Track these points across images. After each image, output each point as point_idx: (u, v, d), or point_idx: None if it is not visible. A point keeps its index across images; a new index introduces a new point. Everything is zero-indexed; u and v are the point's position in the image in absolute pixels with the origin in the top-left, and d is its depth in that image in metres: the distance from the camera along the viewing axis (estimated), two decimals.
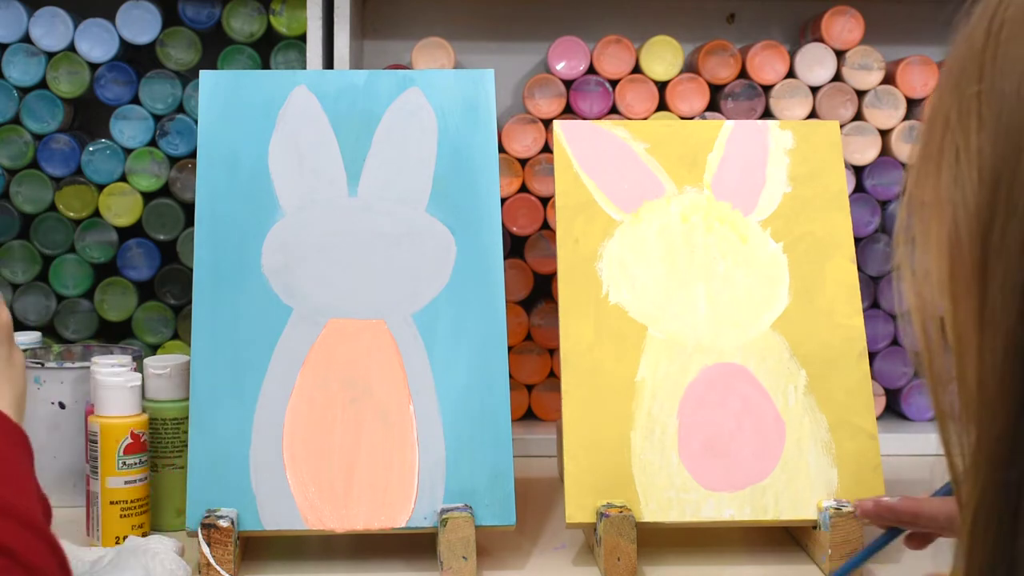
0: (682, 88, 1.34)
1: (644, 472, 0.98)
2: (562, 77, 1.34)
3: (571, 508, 0.97)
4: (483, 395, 0.99)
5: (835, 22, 1.34)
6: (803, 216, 1.06)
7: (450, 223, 1.03)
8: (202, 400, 0.98)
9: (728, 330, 1.03)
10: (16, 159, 1.30)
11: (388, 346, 1.00)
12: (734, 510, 0.98)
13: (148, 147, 1.31)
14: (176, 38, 1.32)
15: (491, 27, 1.43)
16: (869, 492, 0.98)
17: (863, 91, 1.34)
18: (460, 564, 0.93)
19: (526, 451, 1.24)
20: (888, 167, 1.33)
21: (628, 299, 1.03)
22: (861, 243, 1.33)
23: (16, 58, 1.30)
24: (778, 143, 1.09)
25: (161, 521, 1.04)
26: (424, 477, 0.97)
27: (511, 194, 1.33)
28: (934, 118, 0.51)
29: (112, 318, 1.32)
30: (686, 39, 1.37)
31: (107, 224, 1.31)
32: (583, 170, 1.07)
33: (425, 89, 1.07)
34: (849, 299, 1.04)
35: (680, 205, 1.07)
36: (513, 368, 1.31)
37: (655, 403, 1.00)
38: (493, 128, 1.06)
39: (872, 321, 1.33)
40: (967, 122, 0.49)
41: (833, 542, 0.94)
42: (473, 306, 1.01)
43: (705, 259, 1.05)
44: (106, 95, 1.31)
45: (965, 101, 0.49)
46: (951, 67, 0.52)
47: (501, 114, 1.39)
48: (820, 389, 1.01)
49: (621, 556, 0.94)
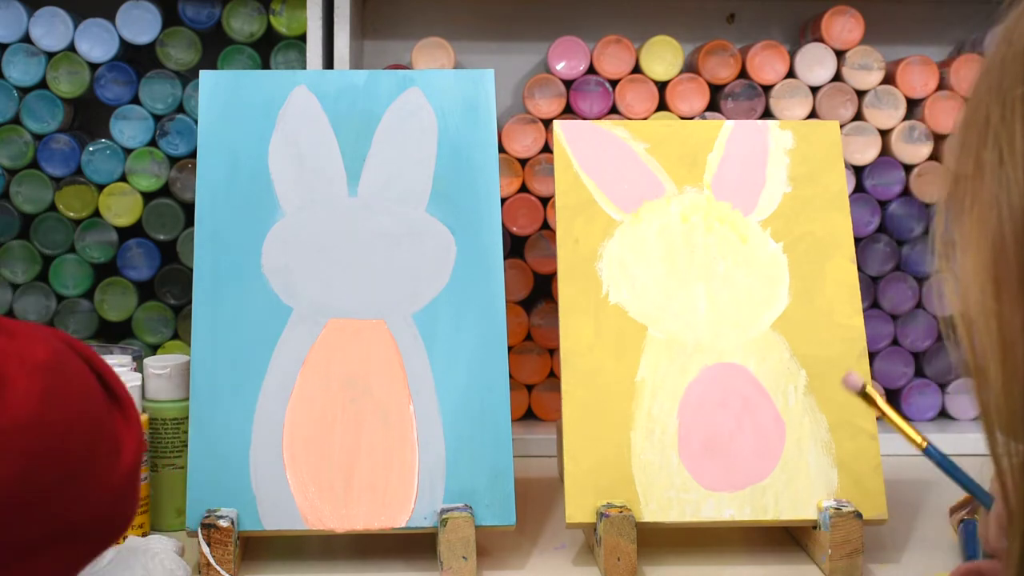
0: (682, 88, 1.34)
1: (644, 472, 0.98)
2: (562, 77, 1.34)
3: (571, 508, 0.97)
4: (483, 395, 0.99)
5: (835, 22, 1.34)
6: (803, 216, 1.06)
7: (450, 223, 1.03)
8: (202, 400, 0.98)
9: (728, 330, 1.03)
10: (16, 159, 1.30)
11: (388, 346, 1.00)
12: (734, 510, 0.98)
13: (148, 147, 1.30)
14: (176, 38, 1.32)
15: (491, 27, 1.43)
16: (869, 492, 0.98)
17: (863, 91, 1.34)
18: (460, 564, 0.93)
19: (526, 451, 1.24)
20: (888, 167, 1.33)
21: (628, 299, 1.03)
22: (861, 243, 1.33)
23: (16, 58, 1.30)
24: (778, 143, 1.09)
25: (161, 521, 1.04)
26: (424, 477, 0.97)
27: (511, 194, 1.33)
28: (972, 120, 0.50)
29: (112, 318, 1.32)
30: (686, 39, 1.36)
31: (107, 224, 1.31)
32: (583, 170, 1.07)
33: (425, 89, 1.07)
34: (849, 299, 1.04)
35: (680, 205, 1.07)
36: (513, 368, 1.31)
37: (655, 403, 1.00)
38: (493, 128, 1.06)
39: (872, 321, 1.33)
40: (1012, 123, 0.48)
41: (833, 542, 0.94)
42: (473, 306, 1.01)
43: (705, 259, 1.05)
44: (106, 95, 1.31)
45: (1009, 102, 0.48)
46: (990, 68, 0.50)
47: (501, 114, 1.39)
48: (820, 389, 1.01)
49: (621, 556, 0.94)
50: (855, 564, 0.94)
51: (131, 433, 0.62)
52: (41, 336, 0.59)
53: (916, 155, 1.33)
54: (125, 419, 0.62)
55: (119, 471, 0.60)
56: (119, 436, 0.61)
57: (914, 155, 1.33)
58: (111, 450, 0.60)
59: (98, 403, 0.60)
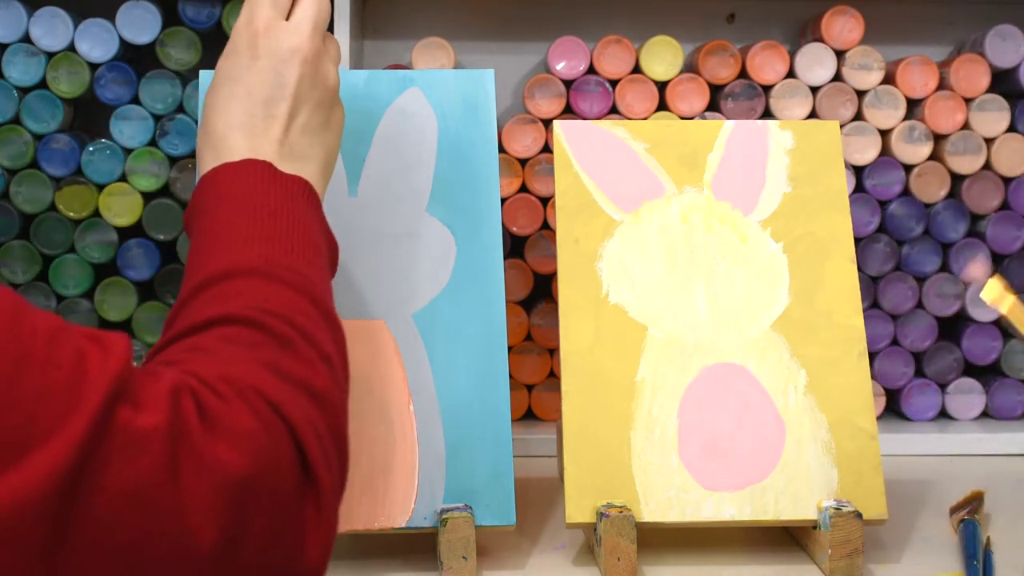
0: (682, 88, 1.34)
1: (644, 472, 0.98)
2: (562, 77, 1.34)
3: (571, 508, 0.97)
4: (483, 395, 0.99)
5: (835, 22, 1.34)
6: (803, 216, 1.06)
7: (450, 223, 1.03)
8: None
9: (728, 330, 1.03)
10: (16, 159, 1.30)
11: (388, 346, 1.00)
12: (734, 510, 0.98)
13: (148, 147, 1.31)
14: (176, 38, 1.32)
15: (491, 27, 1.43)
16: (869, 492, 0.98)
17: (863, 91, 1.34)
18: (460, 564, 0.93)
19: (526, 451, 1.24)
20: (888, 167, 1.33)
21: (628, 299, 1.03)
22: (861, 243, 1.33)
23: (16, 58, 1.30)
24: (778, 143, 1.09)
25: None
26: (424, 477, 0.97)
27: (511, 194, 1.33)
28: None
29: (112, 318, 1.32)
30: (686, 39, 1.37)
31: (107, 224, 1.31)
32: (583, 170, 1.07)
33: (425, 89, 1.06)
34: (849, 299, 1.04)
35: (680, 205, 1.07)
36: (513, 368, 1.31)
37: (655, 403, 1.00)
38: (493, 128, 1.06)
39: (872, 321, 1.33)
40: None
41: (833, 542, 0.94)
42: (473, 306, 1.01)
43: (705, 259, 1.05)
44: (106, 95, 1.31)
45: None
46: None
47: (501, 114, 1.39)
48: (820, 389, 1.01)
49: (621, 556, 0.94)
50: (855, 564, 0.94)
51: (322, 527, 0.58)
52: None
53: (916, 155, 1.33)
54: (318, 509, 0.59)
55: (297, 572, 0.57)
56: (305, 529, 0.57)
57: (914, 155, 1.33)
58: (292, 546, 0.57)
59: (287, 484, 0.57)
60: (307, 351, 0.63)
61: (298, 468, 0.58)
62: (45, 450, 0.50)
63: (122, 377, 0.54)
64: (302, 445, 0.59)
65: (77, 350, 0.54)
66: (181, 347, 0.62)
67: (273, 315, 0.63)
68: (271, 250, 0.68)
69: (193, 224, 0.74)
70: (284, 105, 0.78)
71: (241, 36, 0.80)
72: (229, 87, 0.79)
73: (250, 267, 0.66)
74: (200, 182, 0.76)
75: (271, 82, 0.78)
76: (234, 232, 0.69)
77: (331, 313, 0.69)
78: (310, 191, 0.77)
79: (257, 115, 0.78)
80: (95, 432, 0.52)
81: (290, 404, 0.59)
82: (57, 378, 0.52)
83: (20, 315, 0.53)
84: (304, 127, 0.79)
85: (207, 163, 0.77)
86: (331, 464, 0.60)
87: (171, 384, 0.56)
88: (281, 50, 0.79)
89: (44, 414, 0.51)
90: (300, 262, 0.69)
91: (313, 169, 0.79)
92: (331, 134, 0.82)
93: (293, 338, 0.63)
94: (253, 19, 0.80)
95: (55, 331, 0.54)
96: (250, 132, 0.77)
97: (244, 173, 0.73)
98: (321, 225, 0.77)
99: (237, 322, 0.62)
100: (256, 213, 0.71)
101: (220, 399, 0.57)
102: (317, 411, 0.61)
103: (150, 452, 0.53)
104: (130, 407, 0.53)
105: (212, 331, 0.62)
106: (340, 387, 0.65)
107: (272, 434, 0.57)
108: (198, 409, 0.56)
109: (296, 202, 0.73)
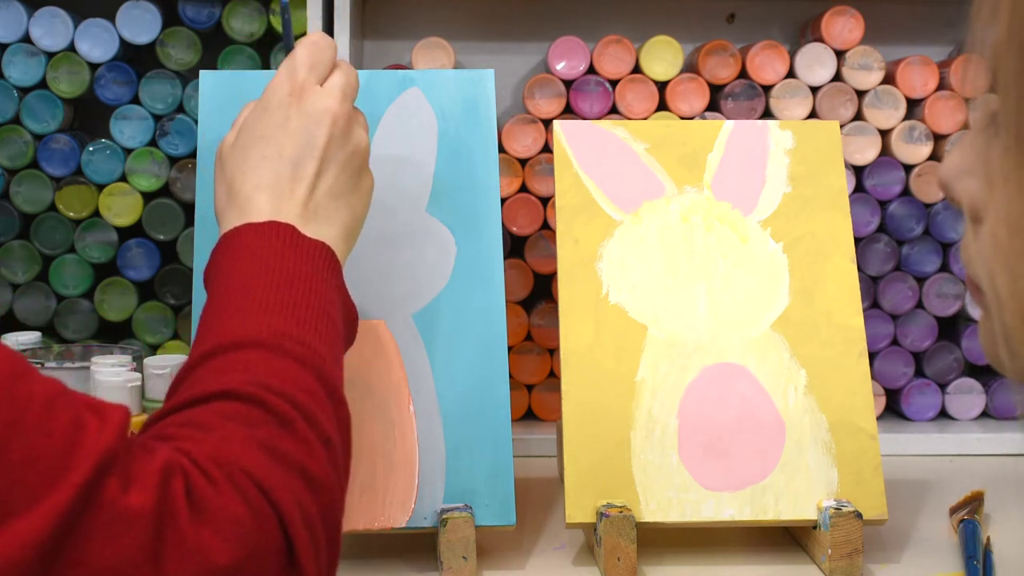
0: (682, 88, 1.34)
1: (644, 472, 0.98)
2: (562, 77, 1.34)
3: (571, 508, 0.97)
4: (483, 395, 0.99)
5: (835, 22, 1.34)
6: (803, 216, 1.06)
7: (450, 223, 1.03)
8: None
9: (728, 330, 1.03)
10: (16, 159, 1.30)
11: (388, 346, 1.00)
12: (734, 510, 0.98)
13: (148, 147, 1.31)
14: (176, 38, 1.32)
15: (491, 27, 1.43)
16: (869, 492, 0.98)
17: (863, 91, 1.34)
18: (460, 564, 0.93)
19: (526, 451, 1.24)
20: (888, 167, 1.33)
21: (628, 299, 1.03)
22: (861, 243, 1.33)
23: (16, 58, 1.30)
24: (778, 143, 1.09)
25: None
26: (424, 477, 0.97)
27: (511, 194, 1.33)
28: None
29: (112, 318, 1.32)
30: (686, 39, 1.37)
31: (107, 224, 1.31)
32: (583, 170, 1.07)
33: (425, 89, 1.06)
34: (849, 299, 1.04)
35: (680, 205, 1.07)
36: (513, 368, 1.31)
37: (655, 403, 1.00)
38: (493, 128, 1.06)
39: (872, 321, 1.33)
40: None
41: (833, 542, 0.94)
42: (473, 306, 1.01)
43: (705, 259, 1.05)
44: (106, 95, 1.31)
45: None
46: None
47: (501, 114, 1.39)
48: (820, 389, 1.01)
49: (621, 556, 0.94)
50: (855, 564, 0.94)
51: None
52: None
53: (916, 155, 1.33)
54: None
55: None
56: None
57: (914, 155, 1.33)
58: None
59: (271, 574, 0.57)
60: (306, 432, 0.63)
61: (283, 558, 0.58)
62: (27, 517, 0.50)
63: (114, 450, 0.54)
64: (290, 533, 0.58)
65: (74, 419, 0.54)
66: (180, 419, 0.62)
67: (275, 393, 0.63)
68: (283, 320, 0.68)
69: (210, 281, 0.74)
70: (312, 165, 0.78)
71: (276, 95, 0.80)
72: (260, 148, 0.79)
73: (258, 339, 0.66)
74: (221, 239, 0.76)
75: (302, 143, 0.78)
76: (248, 297, 0.69)
77: (337, 391, 0.69)
78: (331, 258, 0.76)
79: (284, 176, 0.77)
80: (80, 504, 0.52)
81: (281, 489, 0.59)
82: (47, 446, 0.52)
83: (18, 379, 0.53)
84: (330, 189, 0.79)
85: (231, 221, 0.76)
86: (319, 553, 0.60)
87: (163, 463, 0.56)
88: (315, 111, 0.80)
89: (30, 481, 0.51)
90: (311, 334, 0.69)
91: (337, 233, 0.79)
92: (358, 199, 0.82)
93: (293, 418, 0.62)
94: (290, 79, 0.81)
95: (53, 397, 0.54)
96: (277, 194, 0.77)
97: (266, 235, 0.74)
98: (339, 293, 0.77)
99: (238, 398, 0.62)
100: (273, 279, 0.70)
101: (210, 483, 0.56)
102: (310, 496, 0.61)
103: (134, 532, 0.53)
104: (119, 482, 0.53)
105: (212, 405, 0.62)
106: (338, 471, 0.65)
107: (260, 521, 0.57)
108: (187, 492, 0.55)
109: (315, 270, 0.73)
